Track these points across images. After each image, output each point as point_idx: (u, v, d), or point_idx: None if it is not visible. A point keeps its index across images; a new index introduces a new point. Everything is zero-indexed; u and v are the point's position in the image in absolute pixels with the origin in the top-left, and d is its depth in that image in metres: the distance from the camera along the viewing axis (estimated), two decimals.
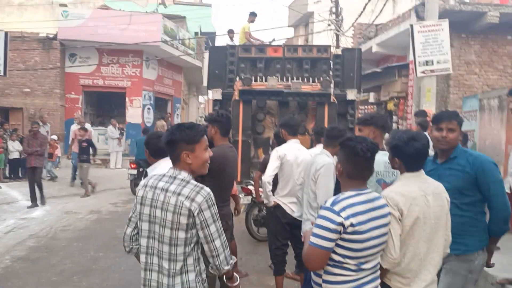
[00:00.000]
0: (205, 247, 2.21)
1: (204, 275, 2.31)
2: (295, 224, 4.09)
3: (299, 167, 4.23)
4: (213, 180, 3.69)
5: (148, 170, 3.26)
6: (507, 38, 10.70)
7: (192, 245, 2.23)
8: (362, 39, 14.29)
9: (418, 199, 2.40)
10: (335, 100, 7.03)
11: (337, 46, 14.31)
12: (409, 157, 2.46)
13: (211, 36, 22.25)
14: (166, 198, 2.18)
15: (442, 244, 2.51)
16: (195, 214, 2.14)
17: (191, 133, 2.26)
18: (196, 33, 21.68)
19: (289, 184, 4.36)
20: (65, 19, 14.95)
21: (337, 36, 15.28)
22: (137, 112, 16.25)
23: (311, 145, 5.72)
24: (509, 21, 10.12)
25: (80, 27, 14.61)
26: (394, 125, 12.32)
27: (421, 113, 7.55)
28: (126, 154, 15.87)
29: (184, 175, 2.24)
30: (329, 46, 7.96)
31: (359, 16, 13.26)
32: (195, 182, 2.24)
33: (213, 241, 2.20)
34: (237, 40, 11.75)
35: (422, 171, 2.53)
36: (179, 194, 2.16)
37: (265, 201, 4.54)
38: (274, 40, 13.50)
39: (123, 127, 16.02)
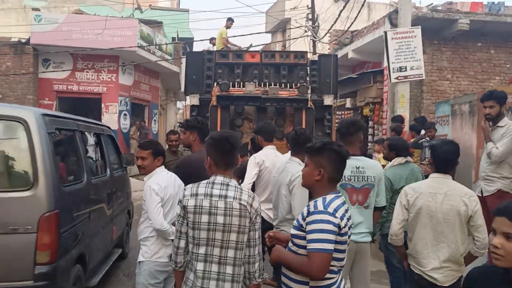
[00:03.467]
0: (246, 251, 2.30)
1: None
2: None
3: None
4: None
5: (145, 178, 3.31)
6: (477, 45, 11.04)
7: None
8: (338, 45, 14.49)
9: (425, 194, 2.89)
10: (313, 105, 7.10)
11: (314, 52, 14.47)
12: (438, 157, 2.92)
13: (189, 41, 22.15)
14: (227, 204, 2.25)
15: (458, 241, 2.80)
16: (253, 218, 2.29)
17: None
18: (173, 39, 21.53)
19: (266, 191, 4.37)
20: (38, 23, 14.57)
21: (314, 42, 15.46)
22: (113, 118, 15.97)
23: None
24: (479, 28, 10.44)
25: (54, 31, 14.28)
26: (370, 130, 12.51)
27: (397, 119, 7.68)
28: None
29: (234, 182, 2.35)
30: (306, 52, 8.03)
31: (335, 22, 13.44)
32: (247, 189, 2.43)
33: (255, 246, 2.31)
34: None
35: (448, 176, 2.91)
36: (240, 199, 2.28)
37: None
38: (251, 45, 13.60)
39: None
